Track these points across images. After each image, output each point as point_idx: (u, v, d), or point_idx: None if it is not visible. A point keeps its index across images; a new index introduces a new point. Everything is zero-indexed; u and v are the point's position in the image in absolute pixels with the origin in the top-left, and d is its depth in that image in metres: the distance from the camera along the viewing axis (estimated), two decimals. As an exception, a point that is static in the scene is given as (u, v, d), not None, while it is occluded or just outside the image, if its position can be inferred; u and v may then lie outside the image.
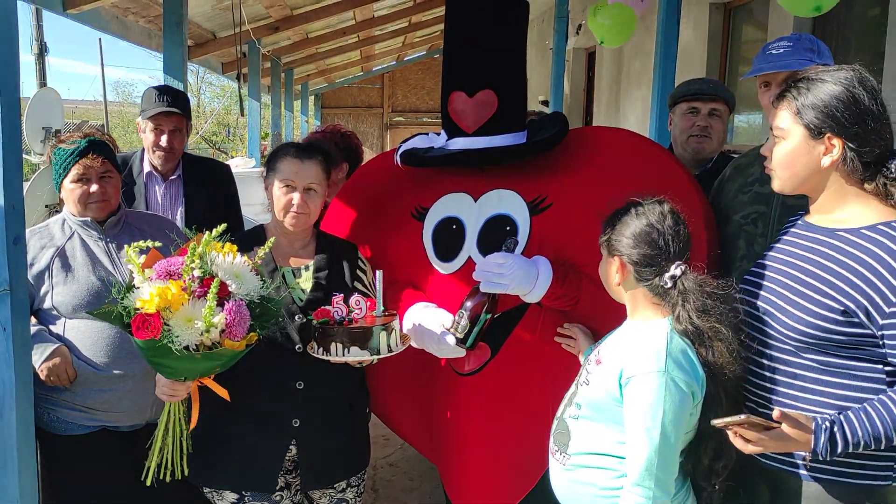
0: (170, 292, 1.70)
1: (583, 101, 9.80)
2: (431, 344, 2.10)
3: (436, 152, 2.25)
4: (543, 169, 2.21)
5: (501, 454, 2.20)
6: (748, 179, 2.23)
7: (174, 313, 1.70)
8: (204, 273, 1.76)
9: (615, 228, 1.77)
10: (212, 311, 1.71)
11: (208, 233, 1.83)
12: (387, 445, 4.12)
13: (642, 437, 1.62)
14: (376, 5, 8.73)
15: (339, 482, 2.21)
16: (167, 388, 1.90)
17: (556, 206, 2.15)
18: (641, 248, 1.71)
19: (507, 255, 2.01)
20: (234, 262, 1.82)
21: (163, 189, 3.09)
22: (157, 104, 3.00)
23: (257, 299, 1.83)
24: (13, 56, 1.91)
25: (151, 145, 3.02)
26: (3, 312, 1.93)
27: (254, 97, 8.92)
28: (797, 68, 2.05)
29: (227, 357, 1.80)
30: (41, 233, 2.30)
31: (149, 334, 1.69)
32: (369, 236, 2.39)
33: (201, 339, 1.72)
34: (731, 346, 1.66)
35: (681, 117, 2.91)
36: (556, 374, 2.09)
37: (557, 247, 2.12)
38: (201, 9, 6.28)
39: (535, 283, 2.02)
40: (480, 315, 2.02)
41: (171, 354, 1.72)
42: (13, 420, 1.98)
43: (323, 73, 14.43)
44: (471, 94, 2.18)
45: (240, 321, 1.75)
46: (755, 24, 5.69)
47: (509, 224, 2.16)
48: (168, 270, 1.75)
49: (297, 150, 2.15)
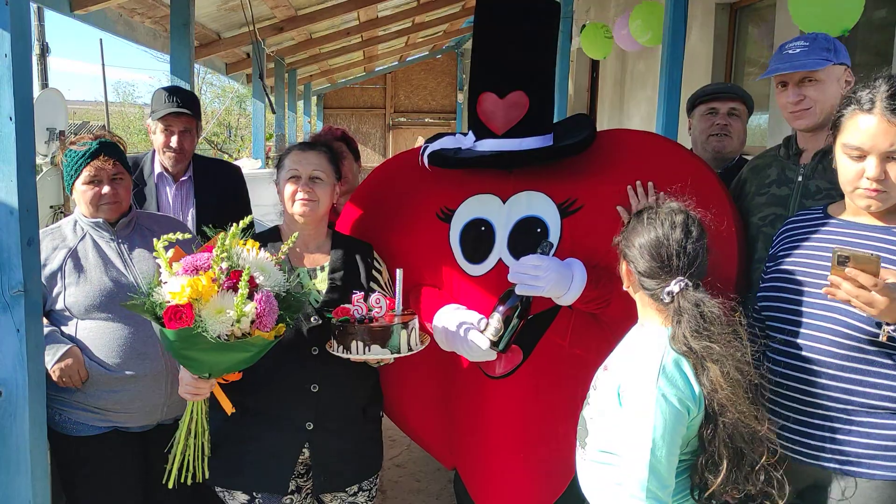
0: (200, 284, 1.73)
1: (587, 101, 9.79)
2: (463, 346, 2.08)
3: (465, 153, 2.23)
4: (572, 171, 2.21)
5: (532, 458, 2.19)
6: (765, 181, 2.23)
7: (205, 304, 1.73)
8: (231, 266, 1.79)
9: (628, 233, 1.77)
10: (243, 300, 1.73)
11: (235, 225, 1.84)
12: (393, 446, 4.12)
13: (633, 450, 1.62)
14: (380, 6, 8.72)
15: (351, 486, 2.21)
16: (191, 386, 1.90)
17: (587, 208, 2.15)
18: (645, 259, 1.70)
19: (542, 257, 2.00)
20: (259, 257, 1.85)
21: (174, 190, 3.09)
22: (167, 105, 3.00)
23: (283, 292, 1.85)
24: (27, 56, 1.91)
25: (162, 146, 3.02)
26: (18, 314, 1.93)
27: (258, 98, 8.92)
28: (814, 68, 2.04)
29: (257, 347, 1.81)
30: (53, 234, 2.31)
31: (181, 324, 1.71)
32: (389, 237, 2.38)
33: (232, 329, 1.74)
34: (725, 368, 1.60)
35: (700, 119, 2.91)
36: (587, 378, 2.10)
37: (589, 249, 2.12)
38: (207, 9, 6.28)
39: (570, 286, 2.01)
40: (513, 318, 2.01)
41: (202, 346, 1.74)
42: (26, 421, 1.98)
43: (325, 74, 14.43)
44: (502, 95, 2.17)
45: (269, 311, 1.78)
46: (761, 24, 5.68)
47: (540, 226, 2.15)
48: (195, 265, 1.78)
49: (301, 144, 2.23)
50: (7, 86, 1.85)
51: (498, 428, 2.21)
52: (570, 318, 2.15)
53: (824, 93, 2.06)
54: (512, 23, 2.18)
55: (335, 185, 2.20)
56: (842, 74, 2.08)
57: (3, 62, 1.84)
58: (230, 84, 20.78)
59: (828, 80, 2.06)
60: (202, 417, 1.97)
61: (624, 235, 1.78)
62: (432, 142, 2.35)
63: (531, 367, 2.17)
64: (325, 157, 2.18)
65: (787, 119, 2.16)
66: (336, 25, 9.37)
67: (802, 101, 2.08)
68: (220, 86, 22.12)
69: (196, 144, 3.17)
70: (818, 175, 2.09)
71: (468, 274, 2.24)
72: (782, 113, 2.16)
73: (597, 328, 2.18)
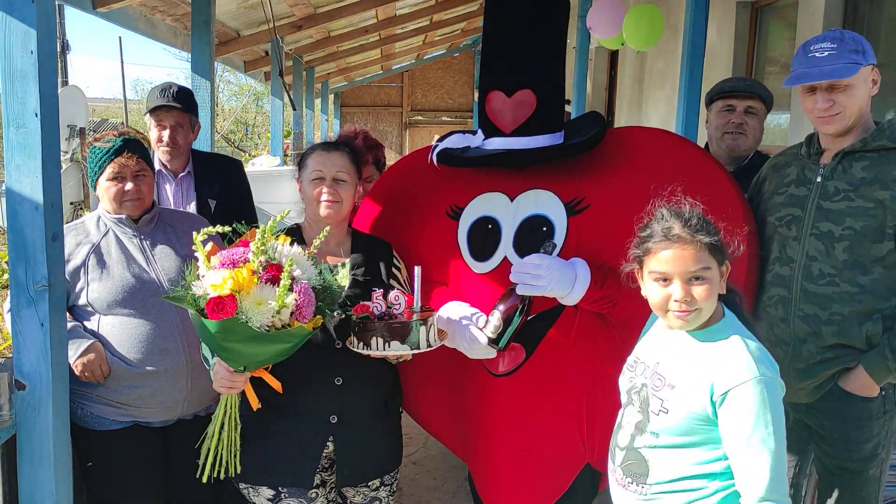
0: (241, 276, 1.76)
1: (605, 100, 9.76)
2: (463, 343, 2.10)
3: (473, 152, 2.25)
4: (580, 170, 2.21)
5: (534, 455, 2.19)
6: (784, 180, 2.20)
7: (245, 296, 1.76)
8: (269, 259, 1.82)
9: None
10: (285, 292, 1.76)
11: (272, 219, 1.88)
12: (409, 444, 4.09)
13: (758, 448, 1.56)
14: (398, 4, 8.74)
15: (373, 480, 2.22)
16: (226, 379, 1.92)
17: (594, 207, 2.14)
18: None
19: (544, 256, 2.00)
20: (293, 251, 1.88)
21: (174, 186, 3.11)
22: (158, 99, 3.03)
23: (319, 285, 1.88)
24: (52, 54, 1.93)
25: (155, 141, 3.05)
26: (42, 308, 1.96)
27: (276, 96, 8.96)
28: (846, 77, 1.97)
29: (296, 338, 1.84)
30: (77, 230, 2.33)
31: (224, 315, 1.74)
32: (402, 235, 2.40)
33: (273, 320, 1.77)
34: None
35: (716, 115, 2.89)
36: (592, 376, 2.09)
37: (595, 248, 2.11)
38: (226, 7, 6.32)
39: (573, 286, 2.01)
40: (514, 316, 2.02)
41: (242, 337, 1.77)
42: (49, 414, 2.01)
43: (343, 72, 14.48)
44: (509, 93, 2.18)
45: (308, 302, 1.81)
46: (783, 22, 5.64)
47: (546, 224, 2.15)
48: (232, 259, 1.80)
49: (324, 144, 2.24)
50: (33, 83, 1.88)
51: (501, 425, 2.23)
52: (576, 317, 2.15)
53: (854, 97, 2.00)
54: (520, 22, 2.19)
55: (357, 185, 2.22)
56: (869, 74, 2.02)
57: (29, 59, 1.87)
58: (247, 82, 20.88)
59: (857, 84, 2.00)
60: (235, 411, 2.00)
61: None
62: (443, 140, 2.37)
63: (535, 365, 2.17)
64: (348, 158, 2.20)
65: (814, 123, 2.10)
66: (354, 23, 9.40)
67: (832, 107, 2.01)
68: (238, 83, 22.24)
69: (193, 139, 3.18)
70: (838, 176, 2.06)
71: (474, 271, 2.25)
72: (808, 117, 2.10)
73: (603, 328, 2.18)
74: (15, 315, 1.98)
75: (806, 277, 2.08)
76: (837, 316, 2.04)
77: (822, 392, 2.11)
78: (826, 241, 2.05)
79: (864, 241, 2.00)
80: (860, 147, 2.04)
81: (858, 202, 2.01)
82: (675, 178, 2.08)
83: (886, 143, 2.01)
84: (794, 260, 2.11)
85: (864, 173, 2.02)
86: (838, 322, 2.04)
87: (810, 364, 2.09)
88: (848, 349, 2.05)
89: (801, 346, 2.10)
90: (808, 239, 2.08)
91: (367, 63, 14.41)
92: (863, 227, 2.00)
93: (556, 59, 2.24)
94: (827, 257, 2.05)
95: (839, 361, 2.06)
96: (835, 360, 2.06)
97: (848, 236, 2.02)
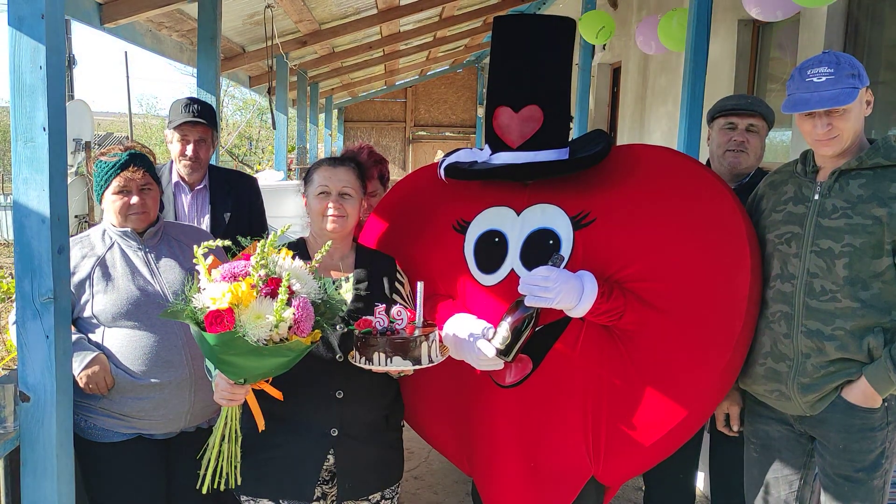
0: (240, 289, 1.77)
1: (607, 116, 9.80)
2: (470, 355, 2.11)
3: (480, 166, 2.27)
4: (586, 185, 2.23)
5: (541, 467, 2.20)
6: (782, 198, 2.22)
7: (244, 310, 1.77)
8: (269, 273, 1.83)
9: None
10: (283, 306, 1.77)
11: (273, 233, 1.89)
12: (411, 458, 4.11)
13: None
14: (403, 20, 8.80)
15: (374, 494, 2.22)
16: (227, 392, 1.92)
17: (600, 221, 2.16)
18: None
19: (552, 269, 2.02)
20: (294, 265, 1.88)
21: (189, 198, 3.16)
22: (184, 115, 3.07)
23: (319, 300, 1.89)
24: (61, 69, 1.96)
25: (178, 155, 3.10)
26: (47, 320, 1.98)
27: (281, 111, 9.01)
28: (847, 103, 1.99)
29: (294, 352, 1.85)
30: (82, 242, 2.35)
31: (222, 328, 1.74)
32: (409, 249, 2.41)
33: (270, 334, 1.77)
34: None
35: (718, 132, 2.90)
36: (598, 388, 2.09)
37: (601, 262, 2.13)
38: (232, 23, 6.38)
39: (580, 299, 2.03)
40: (521, 328, 2.03)
41: (240, 350, 1.77)
42: (53, 426, 2.02)
43: (347, 87, 14.56)
44: (517, 109, 2.20)
45: (307, 317, 1.81)
46: (784, 41, 5.67)
47: (552, 238, 2.17)
48: (232, 272, 1.81)
49: (330, 160, 2.25)
50: (42, 97, 1.90)
51: (508, 436, 2.23)
52: (581, 329, 2.16)
53: (850, 120, 2.03)
54: (527, 38, 2.21)
55: (362, 200, 2.24)
56: (864, 96, 2.06)
57: (38, 74, 1.90)
58: (251, 96, 21.00)
59: (854, 107, 2.03)
60: (236, 423, 2.00)
61: None
62: (450, 155, 2.40)
63: (541, 377, 2.18)
64: (353, 173, 2.22)
65: (812, 146, 2.14)
66: (359, 39, 9.47)
67: (830, 131, 2.04)
68: (242, 98, 22.38)
69: (212, 154, 3.23)
70: (835, 194, 2.08)
71: (481, 284, 2.26)
72: (806, 139, 2.13)
73: (609, 340, 2.19)
74: (20, 327, 1.99)
75: (808, 294, 2.10)
76: (840, 331, 2.06)
77: (825, 404, 2.12)
78: (826, 257, 2.07)
79: (863, 257, 2.03)
80: (856, 165, 2.06)
81: (857, 219, 2.03)
82: (678, 193, 2.11)
83: (881, 161, 2.05)
84: (796, 276, 2.13)
85: (860, 191, 2.05)
86: (841, 337, 2.06)
87: (815, 379, 2.10)
88: (850, 362, 2.07)
89: (805, 362, 2.11)
90: (809, 256, 2.10)
91: (370, 78, 14.49)
92: (862, 243, 2.02)
93: (563, 76, 2.27)
94: (828, 273, 2.07)
95: (842, 374, 2.08)
96: (838, 373, 2.08)
97: (847, 253, 2.04)
